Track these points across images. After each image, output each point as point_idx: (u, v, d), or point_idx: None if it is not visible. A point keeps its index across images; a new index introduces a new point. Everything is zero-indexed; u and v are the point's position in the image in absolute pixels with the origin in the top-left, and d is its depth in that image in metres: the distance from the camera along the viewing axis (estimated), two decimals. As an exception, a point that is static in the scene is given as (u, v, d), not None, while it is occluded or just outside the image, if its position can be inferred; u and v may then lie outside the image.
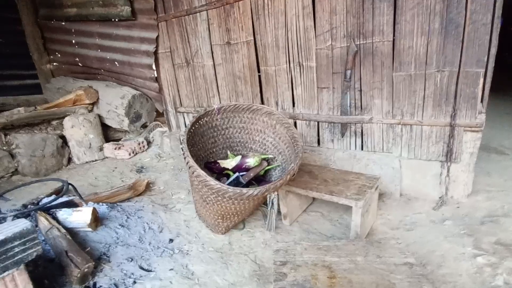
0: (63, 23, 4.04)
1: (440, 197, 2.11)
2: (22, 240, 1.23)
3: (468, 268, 1.50)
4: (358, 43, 2.12)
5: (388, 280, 1.18)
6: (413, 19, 1.91)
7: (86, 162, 3.42)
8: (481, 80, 1.83)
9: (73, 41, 4.06)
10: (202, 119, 2.07)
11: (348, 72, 2.18)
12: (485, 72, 1.81)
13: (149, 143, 3.68)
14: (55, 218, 1.88)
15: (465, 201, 2.06)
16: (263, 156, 2.15)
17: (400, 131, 2.17)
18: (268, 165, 2.15)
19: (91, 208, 1.92)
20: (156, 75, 3.49)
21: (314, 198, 2.24)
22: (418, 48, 1.94)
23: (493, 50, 1.76)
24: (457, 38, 1.82)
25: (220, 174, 2.11)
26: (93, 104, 3.72)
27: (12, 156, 3.03)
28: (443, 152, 2.06)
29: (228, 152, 2.26)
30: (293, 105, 2.59)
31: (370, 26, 2.05)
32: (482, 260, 1.53)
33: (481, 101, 1.88)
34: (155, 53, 3.35)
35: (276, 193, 1.70)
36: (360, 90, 2.22)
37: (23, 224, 1.27)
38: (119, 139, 3.82)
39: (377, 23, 2.02)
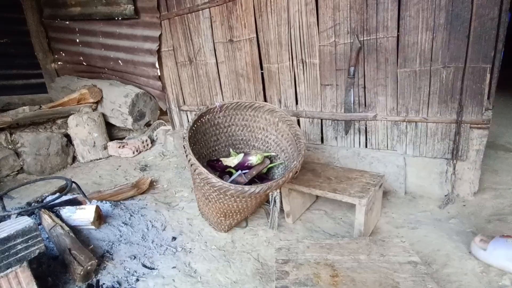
0: (67, 22, 4.07)
1: (445, 195, 2.08)
2: (25, 238, 1.24)
3: (474, 267, 1.48)
4: (361, 39, 2.09)
5: (392, 279, 1.16)
6: (417, 15, 1.88)
7: (91, 161, 3.45)
8: (488, 76, 1.79)
9: (77, 40, 4.09)
10: (204, 117, 2.06)
11: (352, 68, 2.16)
12: (491, 67, 1.78)
13: (152, 141, 3.69)
14: (58, 216, 1.89)
15: (472, 199, 2.03)
16: (265, 154, 2.14)
17: (405, 128, 2.14)
18: (270, 163, 2.14)
19: (95, 206, 1.93)
20: (159, 74, 3.49)
21: (317, 196, 2.22)
22: (423, 44, 1.91)
23: (500, 45, 1.73)
24: (463, 33, 1.79)
25: (222, 172, 2.10)
26: (97, 103, 3.74)
27: (18, 154, 3.06)
28: (448, 150, 2.03)
29: (231, 150, 2.25)
30: (296, 103, 2.57)
31: (374, 22, 2.02)
32: (488, 259, 1.50)
33: (488, 98, 1.84)
34: (158, 51, 3.35)
35: (278, 191, 1.68)
36: (364, 87, 2.19)
37: (26, 221, 1.27)
38: (123, 138, 3.83)
39: (381, 19, 1.99)
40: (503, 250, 1.42)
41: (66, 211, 1.91)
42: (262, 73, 2.70)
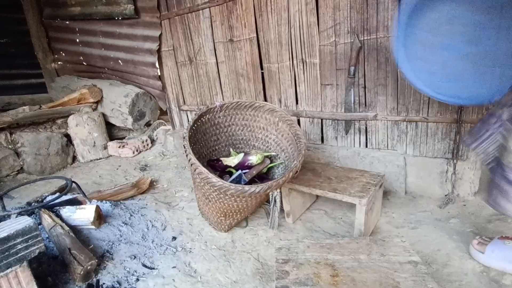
0: (67, 22, 4.07)
1: (446, 195, 2.08)
2: (25, 237, 1.24)
3: (474, 267, 1.47)
4: (362, 39, 2.09)
5: (392, 278, 1.16)
6: (418, 14, 1.87)
7: (91, 161, 3.45)
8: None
9: (77, 40, 4.09)
10: (204, 117, 2.06)
11: (352, 68, 2.15)
12: (492, 67, 1.77)
13: (152, 141, 3.69)
14: (58, 216, 1.89)
15: (472, 199, 2.03)
16: (265, 154, 2.14)
17: (405, 128, 2.13)
18: (271, 162, 2.13)
19: (95, 206, 1.93)
20: (159, 73, 3.49)
21: (317, 196, 2.22)
22: (423, 43, 1.90)
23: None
24: (463, 32, 1.78)
25: (222, 172, 2.10)
26: (97, 102, 3.74)
27: (18, 154, 3.06)
28: (449, 149, 2.02)
29: (231, 150, 2.25)
30: (297, 102, 2.57)
31: (374, 22, 2.02)
32: (489, 259, 1.50)
33: (488, 97, 1.84)
34: (158, 51, 3.35)
35: (278, 190, 1.68)
36: (364, 87, 2.19)
37: (26, 221, 1.27)
38: (123, 138, 3.83)
39: (381, 18, 1.99)
40: (501, 252, 1.42)
41: (66, 211, 1.91)
42: (262, 73, 2.70)
